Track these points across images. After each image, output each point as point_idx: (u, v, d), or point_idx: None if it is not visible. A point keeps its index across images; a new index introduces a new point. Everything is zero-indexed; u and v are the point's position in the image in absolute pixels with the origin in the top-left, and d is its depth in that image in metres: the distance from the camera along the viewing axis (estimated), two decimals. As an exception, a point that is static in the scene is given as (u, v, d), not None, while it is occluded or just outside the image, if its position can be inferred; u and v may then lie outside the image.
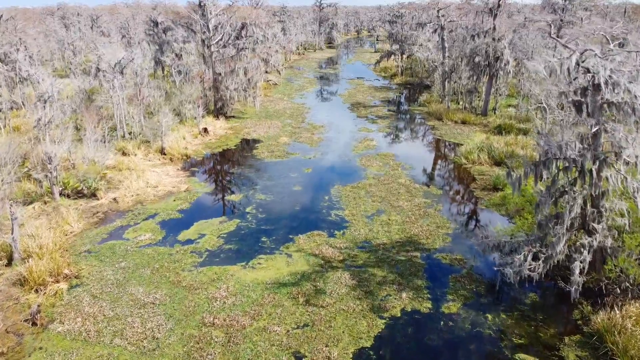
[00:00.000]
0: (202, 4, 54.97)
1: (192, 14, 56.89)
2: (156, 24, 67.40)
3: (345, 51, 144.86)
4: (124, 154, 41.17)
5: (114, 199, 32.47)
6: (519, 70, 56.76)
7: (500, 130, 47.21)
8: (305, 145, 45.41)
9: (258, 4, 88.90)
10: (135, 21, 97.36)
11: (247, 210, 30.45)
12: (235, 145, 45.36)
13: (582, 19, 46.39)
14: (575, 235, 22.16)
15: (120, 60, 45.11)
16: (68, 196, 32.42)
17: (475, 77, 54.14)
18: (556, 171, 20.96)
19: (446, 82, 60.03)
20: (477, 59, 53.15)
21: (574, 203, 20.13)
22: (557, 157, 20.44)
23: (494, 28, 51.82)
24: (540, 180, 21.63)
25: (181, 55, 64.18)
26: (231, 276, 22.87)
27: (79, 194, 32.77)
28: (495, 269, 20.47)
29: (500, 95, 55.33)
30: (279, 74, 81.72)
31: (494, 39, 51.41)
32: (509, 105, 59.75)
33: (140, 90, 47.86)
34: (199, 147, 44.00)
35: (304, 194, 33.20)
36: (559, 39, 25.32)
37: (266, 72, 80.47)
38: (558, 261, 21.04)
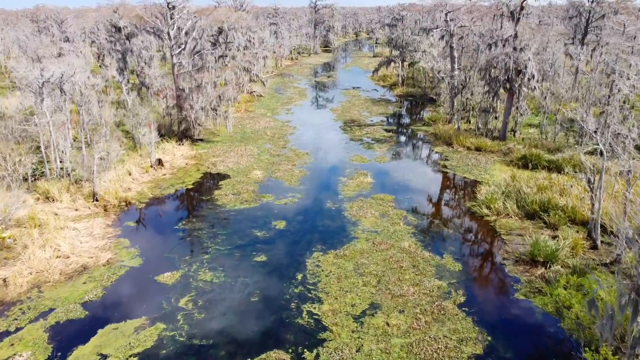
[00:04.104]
0: (169, 6, 45.71)
1: (154, 18, 47.70)
2: (118, 29, 58.30)
3: (343, 55, 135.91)
4: (47, 199, 32.06)
5: (4, 280, 23.25)
6: (542, 85, 47.58)
7: (525, 162, 38.03)
8: (283, 182, 36.20)
9: (242, 5, 79.71)
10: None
11: (181, 303, 21.17)
12: (193, 184, 36.05)
13: (624, 25, 37.84)
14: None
15: (50, 76, 35.83)
16: (-61, 275, 23.28)
17: (492, 94, 44.87)
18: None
19: (455, 98, 50.86)
20: (494, 72, 43.99)
21: None
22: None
23: (516, 35, 42.63)
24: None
25: (143, 66, 54.94)
26: None
27: (-44, 271, 23.61)
28: None
29: (521, 115, 46.05)
30: (264, 84, 72.46)
31: (515, 49, 42.18)
32: (530, 125, 50.66)
33: (80, 113, 38.75)
34: (145, 187, 34.70)
35: (268, 271, 23.94)
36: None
37: (252, 81, 71.33)
38: None
